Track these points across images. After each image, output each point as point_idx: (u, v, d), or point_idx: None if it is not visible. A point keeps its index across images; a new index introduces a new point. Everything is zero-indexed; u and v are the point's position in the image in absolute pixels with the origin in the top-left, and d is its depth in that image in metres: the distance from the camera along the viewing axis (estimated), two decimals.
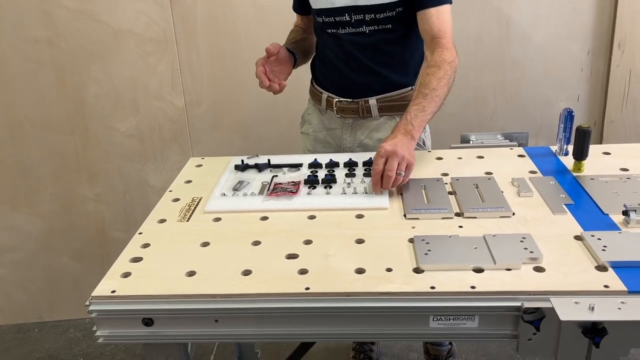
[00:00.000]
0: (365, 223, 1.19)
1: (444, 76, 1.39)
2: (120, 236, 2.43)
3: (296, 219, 1.22)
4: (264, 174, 1.44)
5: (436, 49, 1.44)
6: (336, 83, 1.62)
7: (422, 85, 1.38)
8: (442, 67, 1.40)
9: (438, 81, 1.38)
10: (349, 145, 1.65)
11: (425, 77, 1.39)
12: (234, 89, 2.25)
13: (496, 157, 1.47)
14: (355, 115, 1.61)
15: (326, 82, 1.65)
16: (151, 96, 2.25)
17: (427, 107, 1.35)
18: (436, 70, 1.39)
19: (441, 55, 1.41)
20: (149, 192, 2.38)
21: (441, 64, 1.40)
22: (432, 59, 1.42)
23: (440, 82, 1.38)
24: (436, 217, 1.18)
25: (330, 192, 1.31)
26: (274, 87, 1.48)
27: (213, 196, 1.32)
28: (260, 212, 1.25)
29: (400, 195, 1.29)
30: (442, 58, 1.41)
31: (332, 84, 1.64)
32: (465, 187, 1.30)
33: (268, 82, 1.47)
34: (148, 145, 2.32)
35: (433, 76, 1.39)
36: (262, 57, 1.51)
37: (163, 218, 1.26)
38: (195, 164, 1.56)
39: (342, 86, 1.61)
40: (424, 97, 1.36)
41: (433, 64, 1.41)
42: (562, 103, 2.22)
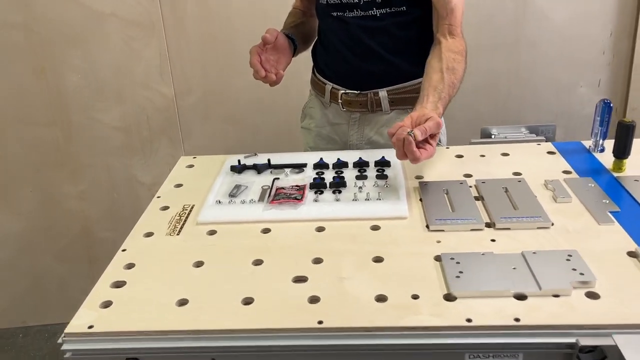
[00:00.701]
0: (382, 236, 1.03)
1: (464, 67, 1.27)
2: (108, 236, 2.27)
3: (303, 232, 1.06)
4: (263, 176, 1.28)
5: (450, 37, 1.30)
6: (341, 73, 1.46)
7: (452, 72, 1.24)
8: (464, 58, 1.27)
9: (462, 71, 1.26)
10: (355, 143, 1.49)
11: (453, 62, 1.25)
12: (227, 76, 2.07)
13: (523, 154, 1.32)
14: (363, 109, 1.45)
15: (330, 72, 1.49)
16: (137, 85, 2.08)
17: (450, 96, 1.23)
18: (461, 59, 1.27)
19: (460, 44, 1.29)
20: (138, 188, 2.22)
21: (462, 54, 1.28)
22: (453, 44, 1.27)
23: (463, 72, 1.25)
24: (464, 229, 1.03)
25: (339, 199, 1.15)
26: (271, 78, 1.32)
27: (207, 204, 1.16)
28: (261, 223, 1.09)
29: (420, 202, 1.14)
30: (462, 47, 1.29)
31: (336, 74, 1.47)
32: (493, 191, 1.14)
33: (264, 73, 1.31)
34: (135, 138, 2.15)
35: (459, 65, 1.26)
36: (257, 45, 1.34)
37: (150, 231, 1.10)
38: (186, 164, 1.40)
39: (349, 76, 1.44)
40: (452, 87, 1.23)
41: (457, 51, 1.27)
42: (581, 89, 2.07)
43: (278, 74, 1.33)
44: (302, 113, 1.62)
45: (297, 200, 1.13)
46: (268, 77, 1.32)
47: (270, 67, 1.35)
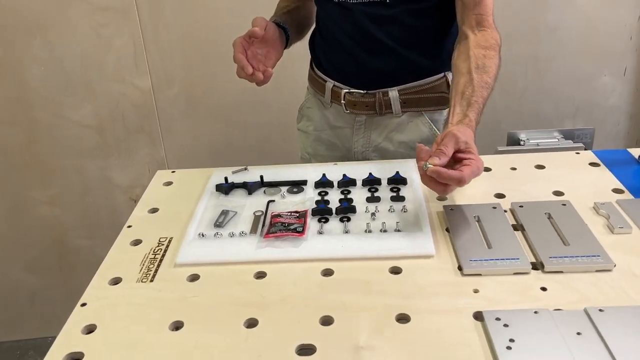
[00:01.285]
0: (405, 283, 0.83)
1: (499, 63, 1.06)
2: (82, 244, 2.06)
3: (306, 277, 0.86)
4: (256, 198, 1.07)
5: (480, 28, 1.08)
6: (345, 69, 1.24)
7: (483, 71, 1.03)
8: (497, 53, 1.06)
9: (496, 69, 1.05)
10: (361, 150, 1.29)
11: (484, 59, 1.04)
12: (211, 67, 1.84)
13: (561, 166, 1.12)
14: (371, 111, 1.24)
15: (331, 67, 1.27)
16: (109, 78, 1.84)
17: (486, 99, 1.02)
18: (494, 55, 1.06)
19: (493, 37, 1.07)
20: (114, 192, 2.00)
21: (494, 48, 1.07)
22: (482, 38, 1.06)
23: (498, 69, 1.05)
24: (505, 272, 0.84)
25: (349, 229, 0.95)
26: (258, 77, 1.11)
27: (187, 238, 0.95)
28: (255, 265, 0.89)
29: (446, 233, 0.94)
30: (494, 40, 1.07)
31: (338, 70, 1.25)
32: (534, 218, 0.95)
33: (251, 70, 1.10)
34: (109, 136, 1.92)
35: (492, 62, 1.05)
36: (241, 37, 1.12)
37: (117, 276, 0.89)
38: (163, 180, 1.18)
39: (353, 73, 1.23)
40: (487, 88, 1.02)
41: (488, 45, 1.06)
42: (604, 78, 1.87)
43: (266, 72, 1.12)
44: (299, 113, 1.40)
45: (298, 234, 0.93)
46: (255, 75, 1.11)
47: (258, 63, 1.14)
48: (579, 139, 1.22)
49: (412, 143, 1.25)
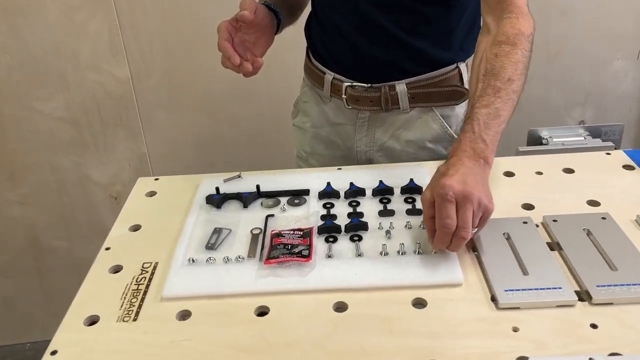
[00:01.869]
0: (431, 318, 0.72)
1: (521, 59, 0.90)
2: (60, 245, 1.92)
3: (315, 312, 0.74)
4: (252, 211, 0.94)
5: (505, 15, 0.93)
6: (346, 60, 1.11)
7: (492, 75, 0.88)
8: (519, 45, 0.90)
9: (515, 68, 0.88)
10: (364, 149, 1.16)
11: (494, 59, 0.89)
12: (195, 53, 1.69)
13: (592, 169, 1.01)
14: (375, 106, 1.11)
15: (330, 58, 1.13)
16: (83, 66, 1.68)
17: (501, 110, 0.86)
18: (510, 49, 0.89)
19: (515, 26, 0.91)
20: (92, 189, 1.86)
21: (517, 39, 0.90)
22: (501, 30, 0.92)
23: (517, 68, 0.89)
24: (548, 305, 0.72)
25: (361, 252, 0.83)
26: (246, 68, 0.99)
27: (175, 265, 0.82)
28: (255, 298, 0.76)
29: (473, 254, 0.82)
30: (517, 30, 0.91)
31: (339, 62, 1.12)
32: (572, 235, 0.83)
33: (238, 60, 0.97)
34: (85, 130, 1.77)
35: (507, 59, 0.89)
36: (227, 21, 0.99)
37: (94, 314, 0.76)
38: (146, 190, 1.04)
39: (356, 65, 1.10)
40: (496, 94, 0.86)
41: (504, 39, 0.90)
42: (617, 62, 1.75)
43: (256, 62, 0.99)
44: (295, 108, 1.26)
45: (304, 259, 0.80)
46: (243, 66, 0.98)
47: (245, 51, 1.00)
48: (606, 136, 1.11)
49: (421, 142, 1.13)
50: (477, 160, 0.82)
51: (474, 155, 0.82)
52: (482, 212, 0.78)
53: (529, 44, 0.92)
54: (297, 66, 1.26)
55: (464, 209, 0.75)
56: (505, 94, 0.87)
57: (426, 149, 1.12)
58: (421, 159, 1.10)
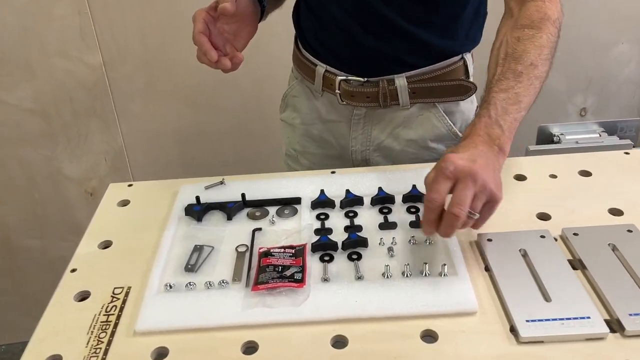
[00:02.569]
0: (445, 356, 0.63)
1: (546, 44, 0.82)
2: (32, 244, 1.81)
3: (311, 350, 0.64)
4: (237, 224, 0.84)
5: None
6: (340, 52, 1.00)
7: (512, 58, 0.80)
8: (544, 30, 0.82)
9: (538, 52, 0.80)
10: (360, 149, 1.06)
11: (516, 43, 0.81)
12: (171, 38, 1.57)
13: (610, 171, 0.92)
14: (372, 102, 1.00)
15: (322, 49, 1.02)
16: (51, 53, 1.55)
17: (522, 96, 0.77)
18: (534, 34, 0.81)
19: (541, 9, 0.83)
20: (66, 185, 1.74)
21: (542, 23, 0.82)
22: (524, 13, 0.83)
23: (542, 53, 0.81)
24: (576, 338, 0.64)
25: (362, 275, 0.73)
26: (224, 64, 0.89)
27: (149, 292, 0.72)
28: (241, 331, 0.67)
29: (487, 273, 0.73)
30: (542, 14, 0.83)
31: (332, 52, 1.01)
32: (596, 252, 0.75)
33: (216, 56, 0.87)
34: (56, 122, 1.65)
35: (530, 44, 0.81)
36: (205, 9, 0.89)
37: (55, 354, 0.66)
38: (118, 198, 0.93)
39: (351, 56, 0.99)
40: (517, 79, 0.78)
41: (528, 22, 0.82)
42: (622, 46, 1.66)
43: (235, 57, 0.90)
44: (283, 102, 1.16)
45: (296, 284, 0.71)
46: (220, 62, 0.88)
47: (225, 44, 0.90)
48: (622, 133, 1.02)
49: (422, 141, 1.03)
50: (492, 146, 0.73)
51: (488, 141, 0.73)
52: (487, 198, 0.69)
53: (556, 29, 0.84)
54: (284, 52, 1.16)
55: (462, 185, 0.67)
56: (526, 79, 0.78)
57: (428, 148, 1.02)
58: (422, 160, 1.01)
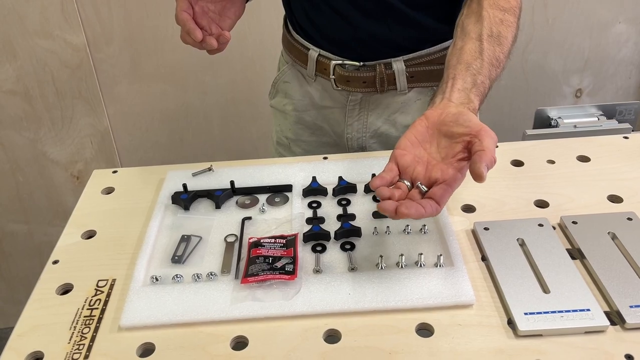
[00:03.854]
0: (441, 351, 0.61)
1: (515, 29, 0.81)
2: (18, 229, 1.77)
3: (303, 344, 0.62)
4: (225, 212, 0.82)
5: None
6: (335, 35, 0.96)
7: (497, 42, 0.77)
8: (515, 15, 0.81)
9: (512, 44, 0.80)
10: (356, 136, 1.03)
11: (500, 26, 0.78)
12: (158, 16, 1.52)
13: (609, 157, 0.90)
14: (369, 88, 0.97)
15: (315, 32, 0.98)
16: (32, 33, 1.50)
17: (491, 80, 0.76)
18: (513, 21, 0.80)
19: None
20: (50, 168, 1.70)
21: (515, 11, 0.82)
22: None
23: (512, 46, 0.80)
24: (575, 332, 0.62)
25: (355, 266, 0.71)
26: (210, 44, 0.84)
27: (134, 285, 0.69)
28: (230, 326, 0.64)
29: (483, 263, 0.71)
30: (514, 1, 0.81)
31: (326, 37, 0.97)
32: (595, 240, 0.73)
33: (200, 36, 0.82)
34: (39, 104, 1.60)
35: (509, 31, 0.79)
36: None
37: (36, 350, 0.63)
38: (103, 185, 0.90)
39: (347, 40, 0.95)
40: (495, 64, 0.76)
41: (507, 6, 0.80)
42: (619, 26, 1.63)
43: (222, 36, 0.85)
44: (273, 88, 1.12)
45: (288, 276, 0.68)
46: (206, 42, 0.83)
47: (210, 23, 0.85)
48: (621, 116, 0.99)
49: None
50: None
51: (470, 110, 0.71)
52: None
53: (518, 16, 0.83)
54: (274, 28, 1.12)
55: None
56: (500, 65, 0.77)
57: None
58: None
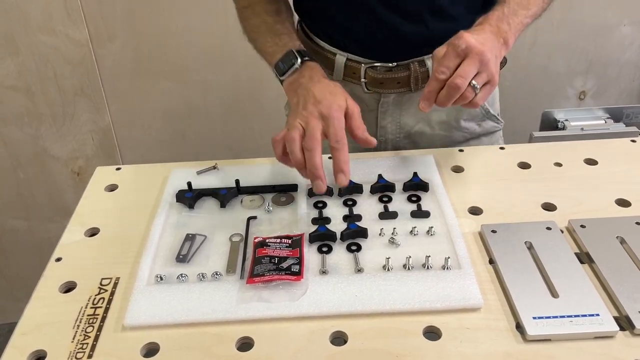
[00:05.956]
0: (448, 354, 0.60)
1: None
2: (19, 225, 1.77)
3: (309, 346, 0.62)
4: (230, 212, 0.81)
5: None
6: (366, 37, 0.92)
7: None
8: None
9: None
10: (390, 138, 1.00)
11: None
12: (163, 13, 1.51)
13: (617, 160, 0.89)
14: (403, 88, 0.94)
15: (343, 36, 0.94)
16: (35, 29, 1.49)
17: (531, 5, 0.82)
18: None
19: None
20: (52, 165, 1.69)
21: None
22: None
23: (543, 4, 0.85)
24: (584, 337, 0.61)
25: (361, 267, 0.70)
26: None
27: (139, 284, 0.69)
28: (236, 326, 0.64)
29: (491, 266, 0.71)
30: None
31: (356, 39, 0.93)
32: (603, 245, 0.72)
33: (324, 186, 0.72)
34: (40, 100, 1.59)
35: None
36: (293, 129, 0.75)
37: (39, 349, 0.63)
38: (106, 182, 0.89)
39: (379, 41, 0.91)
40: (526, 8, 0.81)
41: None
42: (624, 28, 1.63)
43: (366, 140, 0.76)
44: None
45: (294, 277, 0.68)
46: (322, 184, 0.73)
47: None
48: (628, 119, 0.99)
49: (455, 121, 0.99)
50: (498, 38, 0.76)
51: (497, 32, 0.77)
52: (487, 79, 0.73)
53: None
54: None
55: (469, 62, 0.71)
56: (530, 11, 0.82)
57: (460, 128, 0.99)
58: (454, 141, 0.99)
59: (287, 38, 0.89)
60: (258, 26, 0.92)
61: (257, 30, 0.92)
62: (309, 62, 0.84)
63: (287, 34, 0.89)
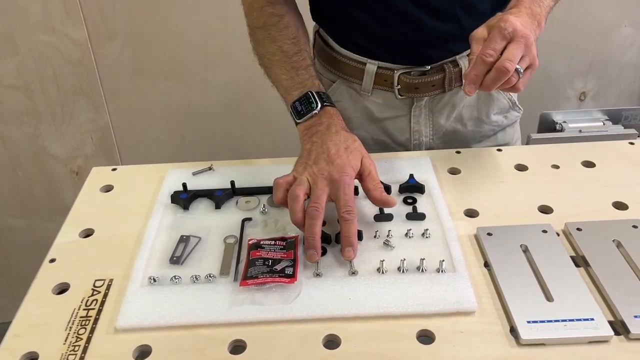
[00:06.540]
0: (442, 359, 0.60)
1: None
2: (17, 224, 1.77)
3: (301, 350, 0.61)
4: (225, 213, 0.81)
5: None
6: (399, 42, 0.90)
7: None
8: None
9: None
10: (424, 141, 0.99)
11: None
12: (162, 12, 1.51)
13: (615, 162, 0.89)
14: (437, 90, 0.93)
15: (372, 44, 0.92)
16: (34, 27, 1.49)
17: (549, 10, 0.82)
18: None
19: None
20: (51, 164, 1.69)
21: None
22: None
23: None
24: (578, 341, 0.61)
25: (355, 270, 0.70)
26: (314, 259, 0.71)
27: (132, 286, 0.68)
28: (228, 329, 0.64)
29: (486, 269, 0.70)
30: None
31: (386, 46, 0.91)
32: (599, 248, 0.72)
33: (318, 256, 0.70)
34: (40, 99, 1.59)
35: None
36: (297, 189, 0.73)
37: (31, 351, 0.62)
38: (101, 183, 0.89)
39: (413, 45, 0.90)
40: None
41: None
42: (625, 29, 1.62)
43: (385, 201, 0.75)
44: None
45: (287, 279, 0.67)
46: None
47: None
48: (627, 121, 0.98)
49: (486, 115, 0.99)
50: (533, 20, 0.76)
51: (531, 14, 0.76)
52: (530, 62, 0.73)
53: None
54: None
55: (516, 45, 0.70)
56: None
57: (490, 122, 0.99)
58: (484, 135, 1.00)
59: (305, 74, 0.85)
60: (273, 54, 0.87)
61: (271, 57, 0.87)
62: (328, 107, 0.82)
63: (305, 68, 0.86)
